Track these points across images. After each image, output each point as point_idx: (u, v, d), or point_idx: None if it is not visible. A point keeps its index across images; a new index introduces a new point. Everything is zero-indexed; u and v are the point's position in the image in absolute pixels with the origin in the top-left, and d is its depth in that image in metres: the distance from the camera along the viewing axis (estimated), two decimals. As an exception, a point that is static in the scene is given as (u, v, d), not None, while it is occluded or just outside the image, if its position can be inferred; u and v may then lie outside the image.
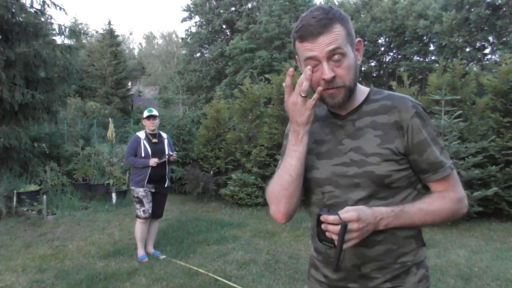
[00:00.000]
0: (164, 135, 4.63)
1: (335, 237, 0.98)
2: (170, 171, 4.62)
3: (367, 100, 1.17)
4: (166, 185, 4.50)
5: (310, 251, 1.32)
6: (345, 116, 1.17)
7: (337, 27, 1.06)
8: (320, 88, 1.07)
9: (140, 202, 4.32)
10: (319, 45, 1.05)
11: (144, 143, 4.37)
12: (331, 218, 0.97)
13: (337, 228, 0.96)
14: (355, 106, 1.17)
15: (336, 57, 1.06)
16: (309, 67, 1.06)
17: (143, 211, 4.31)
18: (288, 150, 1.14)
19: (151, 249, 4.52)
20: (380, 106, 1.15)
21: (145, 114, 4.50)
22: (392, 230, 1.09)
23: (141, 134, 4.46)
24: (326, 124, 1.21)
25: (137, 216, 4.37)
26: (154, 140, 4.43)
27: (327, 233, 0.99)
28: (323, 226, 1.00)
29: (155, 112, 4.48)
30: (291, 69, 1.06)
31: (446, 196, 1.13)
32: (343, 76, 1.07)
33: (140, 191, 4.31)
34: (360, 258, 1.12)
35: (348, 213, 0.99)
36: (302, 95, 1.06)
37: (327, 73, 1.05)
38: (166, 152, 4.45)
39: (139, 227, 4.37)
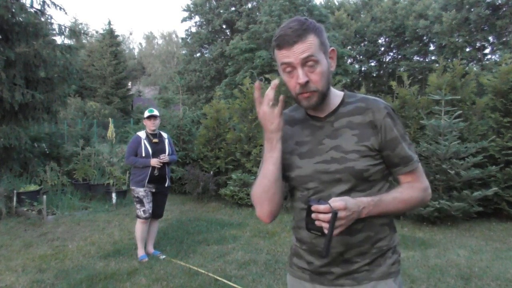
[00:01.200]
0: (164, 135, 4.63)
1: (325, 225, 1.07)
2: (170, 171, 4.62)
3: (342, 102, 1.30)
4: (166, 185, 4.50)
5: (292, 242, 1.43)
6: (323, 118, 1.29)
7: (311, 37, 1.17)
8: (282, 96, 1.19)
9: (141, 202, 4.32)
10: (294, 52, 1.16)
11: (144, 143, 4.37)
12: (322, 207, 1.07)
13: (328, 216, 1.07)
14: (332, 108, 1.29)
15: (309, 63, 1.17)
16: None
17: (144, 211, 4.32)
18: (264, 156, 1.27)
19: (151, 249, 4.52)
20: (355, 108, 1.27)
21: (146, 114, 4.50)
22: (370, 218, 1.21)
23: (142, 134, 4.46)
24: (305, 126, 1.32)
25: (137, 216, 4.38)
26: (155, 140, 4.43)
27: (316, 222, 1.09)
28: (313, 215, 1.09)
29: (156, 112, 4.48)
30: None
31: (415, 186, 1.27)
32: (316, 82, 1.19)
33: (140, 191, 4.32)
34: (343, 245, 1.23)
35: (336, 202, 1.10)
36: (270, 103, 1.20)
37: (301, 78, 1.17)
38: (167, 152, 4.45)
39: (139, 227, 4.38)
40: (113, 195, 7.01)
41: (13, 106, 6.78)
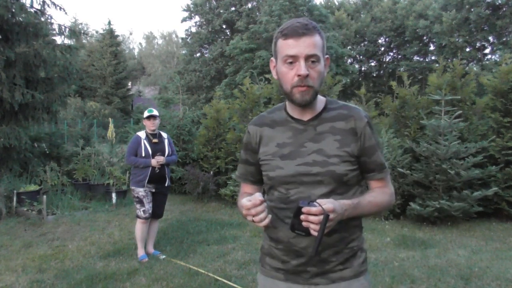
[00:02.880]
0: (164, 135, 4.62)
1: (314, 227, 1.10)
2: (170, 170, 4.62)
3: (325, 108, 1.34)
4: (166, 185, 4.50)
5: (263, 242, 1.44)
6: (306, 122, 1.32)
7: (317, 36, 1.23)
8: (269, 216, 1.18)
9: (140, 202, 4.32)
10: (301, 44, 1.19)
11: (144, 143, 4.37)
12: (314, 209, 1.09)
13: (319, 218, 1.09)
14: (316, 113, 1.32)
15: (312, 59, 1.21)
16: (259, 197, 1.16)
17: (143, 211, 4.32)
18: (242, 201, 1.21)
19: (151, 249, 4.52)
20: (338, 114, 1.32)
21: (146, 114, 4.50)
22: (345, 220, 1.23)
23: (142, 134, 4.46)
24: (287, 128, 1.35)
25: (137, 216, 4.37)
26: (155, 140, 4.43)
27: (304, 223, 1.11)
28: (303, 217, 1.11)
29: (155, 112, 4.47)
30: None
31: (385, 192, 1.36)
32: (314, 79, 1.23)
33: (140, 191, 4.31)
34: (321, 246, 1.24)
35: (326, 204, 1.12)
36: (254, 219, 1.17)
37: (303, 70, 1.19)
38: (167, 152, 4.45)
39: (139, 227, 4.38)
40: (113, 195, 7.01)
41: (13, 106, 6.78)
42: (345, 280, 1.31)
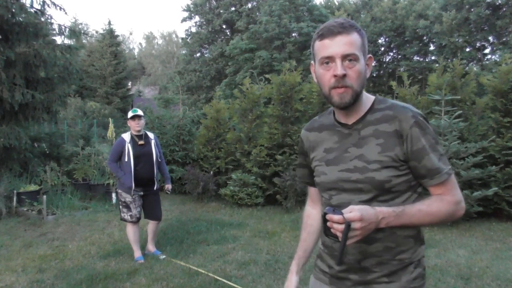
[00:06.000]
0: (151, 135, 4.42)
1: (339, 234, 1.07)
2: (158, 174, 4.42)
3: (371, 109, 1.26)
4: (155, 188, 4.34)
5: (319, 244, 1.44)
6: (351, 126, 1.27)
7: (355, 35, 1.17)
8: None
9: (127, 207, 4.20)
10: (337, 43, 1.14)
11: (128, 147, 4.17)
12: (336, 217, 1.06)
13: (341, 226, 1.05)
14: (360, 115, 1.25)
15: (349, 59, 1.15)
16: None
17: (130, 215, 4.20)
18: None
19: (152, 248, 4.49)
20: (383, 116, 1.23)
21: (130, 114, 4.28)
22: (392, 229, 1.18)
23: (126, 137, 4.25)
24: (333, 132, 1.31)
25: (123, 219, 4.26)
26: (141, 142, 4.24)
27: (332, 230, 1.08)
28: (328, 224, 1.09)
29: (139, 112, 4.28)
30: None
31: (444, 199, 1.20)
32: (353, 78, 1.16)
33: (127, 197, 4.19)
34: (361, 253, 1.22)
35: (352, 212, 1.06)
36: None
37: (340, 70, 1.14)
38: (154, 155, 4.27)
39: (129, 230, 4.29)
40: (113, 195, 7.01)
41: (13, 106, 6.78)
42: None
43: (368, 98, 1.27)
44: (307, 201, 1.57)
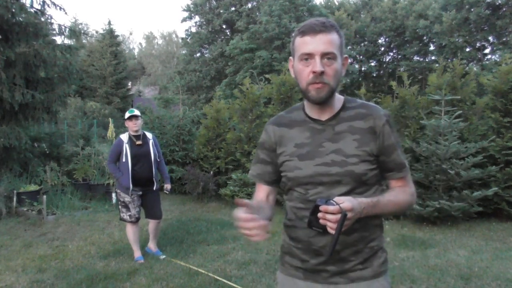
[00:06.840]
0: (149, 135, 4.41)
1: (331, 225, 1.09)
2: (157, 173, 4.41)
3: (344, 107, 1.33)
4: (154, 188, 4.33)
5: (284, 241, 1.47)
6: (324, 122, 1.32)
7: (335, 34, 1.22)
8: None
9: (126, 207, 4.20)
10: (317, 41, 1.19)
11: (126, 147, 4.17)
12: (332, 208, 1.09)
13: (336, 217, 1.08)
14: (334, 112, 1.31)
15: (328, 57, 1.20)
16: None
17: (129, 215, 4.21)
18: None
19: (154, 247, 4.48)
20: (356, 113, 1.31)
21: (127, 115, 4.27)
22: (365, 219, 1.23)
23: (124, 137, 4.24)
24: (305, 128, 1.34)
25: (122, 219, 4.26)
26: (139, 142, 4.23)
27: (321, 221, 1.11)
28: (320, 214, 1.10)
29: (136, 112, 4.26)
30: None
31: (406, 191, 1.34)
32: (330, 76, 1.22)
33: (126, 197, 4.19)
34: (340, 244, 1.26)
35: (344, 203, 1.10)
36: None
37: (319, 67, 1.19)
38: (152, 155, 4.27)
39: (129, 230, 4.29)
40: (113, 195, 7.01)
41: (13, 106, 6.78)
42: (364, 280, 1.30)
43: (339, 97, 1.34)
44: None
